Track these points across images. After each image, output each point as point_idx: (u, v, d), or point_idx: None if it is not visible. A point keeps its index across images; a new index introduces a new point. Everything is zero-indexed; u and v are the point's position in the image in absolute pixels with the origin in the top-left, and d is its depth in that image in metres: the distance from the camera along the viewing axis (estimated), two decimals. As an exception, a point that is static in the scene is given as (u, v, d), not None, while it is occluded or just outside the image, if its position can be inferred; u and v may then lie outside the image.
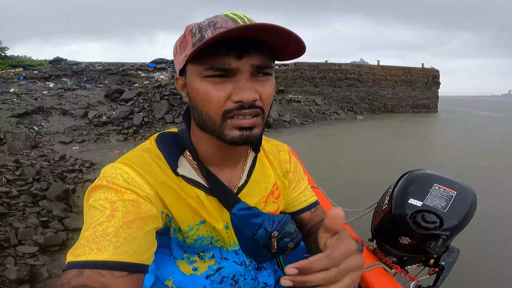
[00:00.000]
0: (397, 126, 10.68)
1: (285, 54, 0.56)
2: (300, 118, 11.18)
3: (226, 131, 0.54)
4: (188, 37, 0.54)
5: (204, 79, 0.52)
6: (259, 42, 0.52)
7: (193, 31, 0.54)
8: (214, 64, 0.51)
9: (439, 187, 0.85)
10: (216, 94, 0.52)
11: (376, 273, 0.80)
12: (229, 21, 0.53)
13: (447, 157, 5.90)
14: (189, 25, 0.56)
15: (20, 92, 8.20)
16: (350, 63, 16.56)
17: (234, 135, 0.54)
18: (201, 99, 0.54)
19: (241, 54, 0.51)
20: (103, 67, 12.23)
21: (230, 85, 0.52)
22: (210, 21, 0.53)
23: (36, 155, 4.89)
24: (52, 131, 6.91)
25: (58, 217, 2.73)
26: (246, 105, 0.52)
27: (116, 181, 0.54)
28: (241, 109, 0.52)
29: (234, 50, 0.50)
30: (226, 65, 0.51)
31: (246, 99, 0.51)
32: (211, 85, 0.52)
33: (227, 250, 0.69)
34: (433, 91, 17.33)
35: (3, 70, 10.63)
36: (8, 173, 3.13)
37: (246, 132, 0.54)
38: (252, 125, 0.54)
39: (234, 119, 0.53)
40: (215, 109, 0.53)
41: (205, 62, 0.51)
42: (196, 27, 0.54)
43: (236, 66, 0.51)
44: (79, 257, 0.44)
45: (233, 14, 0.54)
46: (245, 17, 0.54)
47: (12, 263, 2.06)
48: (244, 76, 0.52)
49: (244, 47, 0.51)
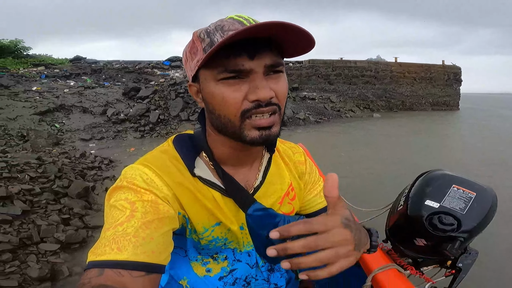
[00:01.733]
0: (416, 124, 10.40)
1: (295, 50, 0.56)
2: (315, 116, 11.08)
3: (246, 132, 0.54)
4: (197, 43, 0.55)
5: (219, 82, 0.53)
6: (268, 40, 0.52)
7: (201, 37, 0.54)
8: (227, 66, 0.51)
9: (457, 188, 0.83)
10: (232, 95, 0.53)
11: (390, 274, 0.79)
12: (235, 23, 0.53)
13: (470, 159, 5.70)
14: (196, 31, 0.56)
15: (42, 90, 8.52)
16: (366, 60, 16.26)
17: (254, 135, 0.54)
18: (218, 103, 0.54)
19: (252, 54, 0.51)
20: (121, 65, 12.52)
21: (245, 85, 0.53)
22: (216, 25, 0.54)
23: (58, 152, 5.06)
24: (73, 128, 7.15)
25: (79, 214, 2.80)
26: (263, 103, 0.53)
27: (135, 182, 0.55)
28: (259, 108, 0.53)
29: (245, 51, 0.51)
30: (239, 66, 0.51)
31: (263, 97, 0.52)
32: (226, 88, 0.53)
33: (240, 252, 0.69)
34: (454, 89, 16.81)
35: (25, 69, 11.04)
36: (31, 171, 3.22)
37: (265, 132, 0.54)
38: (270, 124, 0.54)
39: (252, 118, 0.54)
40: (233, 110, 0.53)
41: (218, 66, 0.52)
42: (204, 32, 0.54)
43: (249, 66, 0.52)
44: (100, 256, 0.46)
45: (238, 17, 0.55)
46: (250, 18, 0.55)
47: (34, 260, 2.12)
48: (258, 75, 0.52)
49: (255, 47, 0.51)
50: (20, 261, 2.10)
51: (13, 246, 2.16)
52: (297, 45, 0.54)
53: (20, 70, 10.63)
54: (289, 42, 0.53)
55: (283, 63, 0.56)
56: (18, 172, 3.12)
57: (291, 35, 0.51)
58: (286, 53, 0.57)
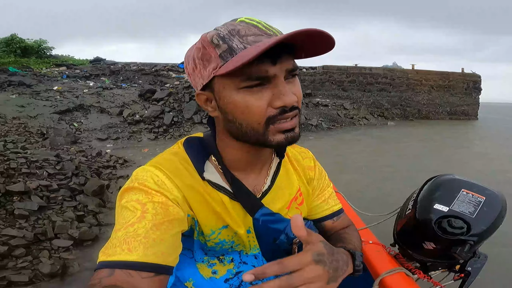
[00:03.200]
0: (432, 135, 10.15)
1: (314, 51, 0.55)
2: (327, 123, 11.01)
3: (270, 137, 0.54)
4: (210, 49, 0.52)
5: (240, 91, 0.52)
6: (287, 44, 0.52)
7: (215, 42, 0.51)
8: (251, 74, 0.50)
9: (467, 192, 0.82)
10: (256, 103, 0.52)
11: (397, 278, 0.79)
12: (252, 28, 0.52)
13: (488, 171, 5.52)
14: (205, 35, 0.53)
15: (63, 90, 8.79)
16: (382, 67, 16.06)
17: (279, 139, 0.54)
18: (241, 112, 0.53)
19: (275, 60, 0.51)
20: (138, 67, 12.81)
21: (267, 92, 0.52)
22: (230, 30, 0.52)
23: (75, 151, 5.22)
24: (90, 127, 7.33)
25: (93, 212, 2.84)
26: (288, 109, 0.53)
27: (147, 183, 0.56)
28: (284, 113, 0.53)
29: (267, 56, 0.49)
30: (263, 72, 0.50)
31: (290, 103, 0.52)
32: (249, 96, 0.52)
33: (247, 255, 0.69)
34: (473, 98, 16.35)
35: (48, 68, 11.44)
36: (49, 167, 3.31)
37: (290, 134, 0.55)
38: (293, 126, 0.55)
39: (277, 123, 0.53)
40: (258, 118, 0.53)
41: (240, 74, 0.50)
42: (217, 37, 0.51)
43: (273, 72, 0.51)
44: (111, 256, 0.47)
45: (250, 20, 0.54)
46: (261, 22, 0.54)
47: (46, 256, 2.15)
48: (280, 80, 0.52)
49: (276, 52, 0.50)
50: (33, 256, 2.13)
51: (27, 242, 2.19)
52: (317, 47, 0.54)
53: (42, 70, 11.04)
54: (309, 45, 0.53)
55: (298, 66, 0.56)
56: (37, 168, 3.22)
57: (314, 39, 0.51)
58: (303, 54, 0.56)
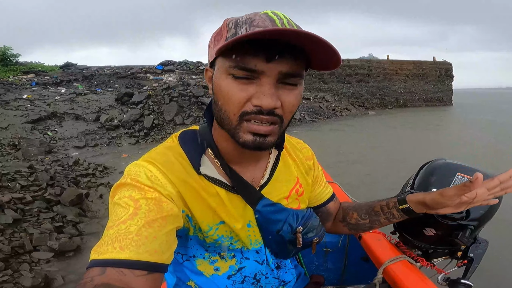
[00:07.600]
0: (411, 120, 10.47)
1: (319, 64, 0.54)
2: (310, 116, 11.11)
3: (240, 133, 0.53)
4: (224, 31, 0.53)
5: (229, 76, 0.51)
6: (294, 47, 0.49)
7: (229, 26, 0.52)
8: (239, 62, 0.49)
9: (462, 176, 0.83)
10: (237, 94, 0.51)
11: (401, 266, 0.78)
12: (266, 20, 0.50)
13: (468, 153, 5.72)
14: (227, 19, 0.55)
15: (33, 98, 8.41)
16: (359, 58, 16.37)
17: (247, 139, 0.53)
18: (223, 96, 0.52)
19: (270, 57, 0.48)
20: (113, 71, 12.44)
21: (253, 87, 0.51)
22: (248, 18, 0.52)
23: (50, 160, 4.99)
24: (66, 136, 7.04)
25: (72, 222, 2.76)
26: (264, 111, 0.50)
27: (139, 179, 0.54)
28: (259, 114, 0.51)
29: (264, 51, 0.48)
30: (251, 65, 0.49)
31: (266, 106, 0.50)
32: (234, 85, 0.51)
33: (248, 250, 0.68)
34: (446, 84, 17.01)
35: (15, 76, 10.90)
36: (22, 179, 3.19)
37: (259, 139, 0.53)
38: (267, 133, 0.52)
39: (251, 122, 0.52)
40: (233, 108, 0.52)
41: (231, 59, 0.50)
42: (233, 22, 0.52)
43: (261, 69, 0.49)
44: (102, 255, 0.45)
45: (273, 14, 0.52)
46: (285, 18, 0.52)
47: (27, 269, 2.09)
48: (269, 80, 0.50)
49: (276, 51, 0.48)
50: (12, 270, 2.06)
51: (5, 255, 2.12)
52: (323, 60, 0.52)
53: (9, 78, 10.51)
54: (315, 54, 0.51)
55: (302, 75, 0.53)
56: (9, 181, 3.07)
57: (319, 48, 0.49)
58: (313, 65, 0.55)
